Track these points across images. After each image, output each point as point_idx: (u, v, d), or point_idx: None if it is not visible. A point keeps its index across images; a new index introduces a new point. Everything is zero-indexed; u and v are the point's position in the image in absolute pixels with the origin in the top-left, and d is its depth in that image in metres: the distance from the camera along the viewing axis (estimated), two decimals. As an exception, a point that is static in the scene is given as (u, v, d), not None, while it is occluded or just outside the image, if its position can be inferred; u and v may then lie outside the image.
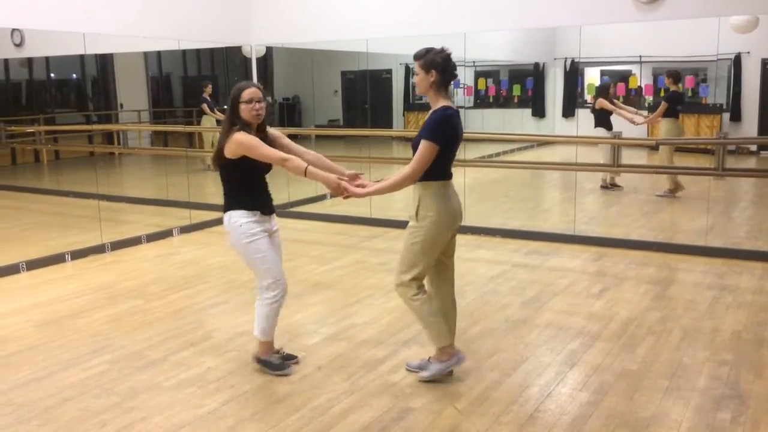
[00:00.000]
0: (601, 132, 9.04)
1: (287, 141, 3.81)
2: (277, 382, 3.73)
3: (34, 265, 6.13)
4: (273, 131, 3.82)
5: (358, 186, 3.60)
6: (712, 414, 3.32)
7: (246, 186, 3.69)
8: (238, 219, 3.67)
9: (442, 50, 3.51)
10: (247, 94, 3.58)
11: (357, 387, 3.65)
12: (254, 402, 3.51)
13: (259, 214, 3.70)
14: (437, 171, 3.51)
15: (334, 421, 3.29)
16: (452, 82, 3.59)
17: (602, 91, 9.41)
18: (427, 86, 3.52)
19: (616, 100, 9.58)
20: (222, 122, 3.75)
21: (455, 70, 3.56)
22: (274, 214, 3.86)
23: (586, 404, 3.43)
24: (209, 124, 11.51)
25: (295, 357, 4.04)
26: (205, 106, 11.52)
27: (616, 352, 4.06)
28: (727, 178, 8.19)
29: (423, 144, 3.43)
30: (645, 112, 9.98)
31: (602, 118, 9.11)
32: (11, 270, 5.98)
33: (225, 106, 3.76)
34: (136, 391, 3.64)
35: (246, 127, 3.60)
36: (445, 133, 3.47)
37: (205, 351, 4.18)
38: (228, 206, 3.71)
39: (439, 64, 3.47)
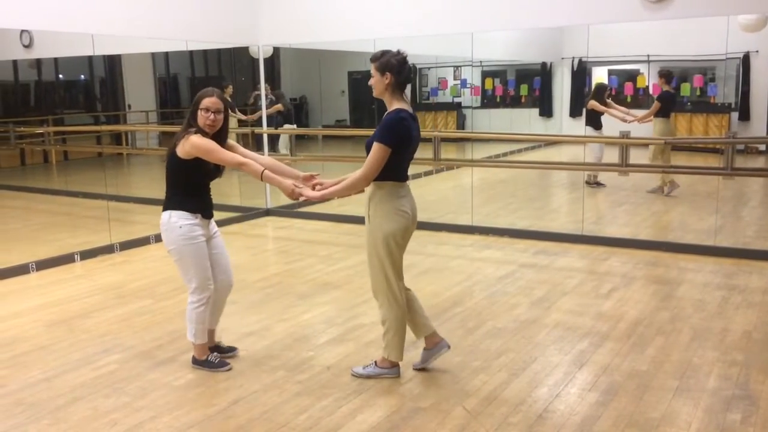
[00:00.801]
0: (589, 131, 9.20)
1: (243, 150, 3.87)
2: (286, 382, 3.74)
3: (43, 265, 6.17)
4: (230, 141, 3.86)
5: (316, 185, 3.67)
6: (722, 415, 3.31)
7: (191, 188, 3.73)
8: (178, 220, 3.70)
9: (398, 53, 3.54)
10: (205, 102, 3.62)
11: (365, 387, 3.66)
12: (263, 401, 3.52)
13: (200, 217, 3.74)
14: (390, 173, 3.52)
15: (343, 421, 3.29)
16: (458, 83, 3.62)
17: (597, 93, 9.52)
18: (383, 88, 3.54)
19: (609, 100, 9.63)
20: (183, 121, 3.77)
21: (410, 73, 3.60)
22: (213, 219, 3.92)
23: (596, 405, 3.42)
24: (232, 123, 11.54)
25: (235, 349, 4.07)
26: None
27: (626, 353, 4.05)
28: (736, 178, 8.15)
29: (375, 146, 3.46)
30: (636, 111, 9.98)
31: (591, 118, 9.32)
32: (21, 270, 6.01)
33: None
34: (145, 390, 3.65)
35: (200, 131, 3.65)
36: (398, 136, 3.47)
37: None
38: (168, 205, 3.73)
39: (394, 66, 3.49)
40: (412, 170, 3.93)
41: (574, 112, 14.88)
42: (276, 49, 9.10)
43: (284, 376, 3.81)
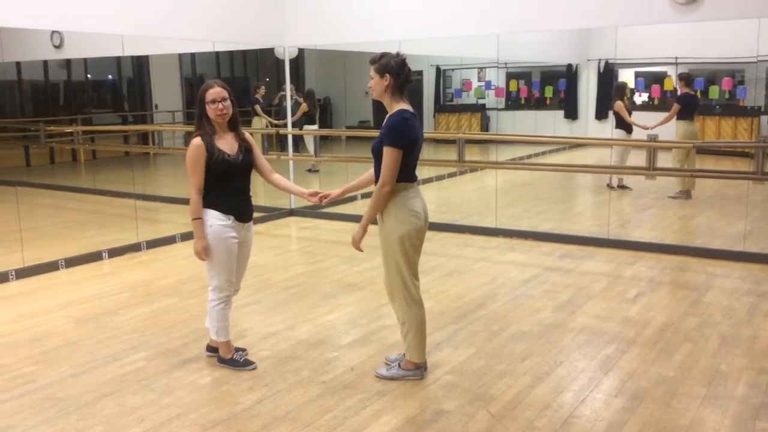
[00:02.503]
0: (621, 134, 9.04)
1: (259, 153, 3.91)
2: (310, 382, 3.75)
3: (72, 262, 6.27)
4: (250, 137, 3.89)
5: (322, 198, 3.90)
6: (750, 423, 3.26)
7: (221, 189, 3.73)
8: (210, 219, 3.73)
9: (397, 54, 3.56)
10: (210, 94, 3.66)
11: (389, 389, 3.66)
12: (288, 401, 3.54)
13: (233, 220, 3.75)
14: (399, 175, 3.53)
15: (367, 422, 3.30)
16: (482, 85, 3.63)
17: (618, 92, 9.37)
18: (382, 90, 3.55)
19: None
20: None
21: (410, 74, 3.59)
22: (251, 223, 3.92)
23: (622, 410, 3.39)
24: (260, 125, 11.66)
25: (244, 349, 4.08)
26: (258, 108, 11.67)
27: (653, 359, 4.01)
28: (767, 183, 8.02)
29: (387, 151, 3.46)
30: (656, 116, 9.86)
31: (623, 120, 9.11)
32: (51, 267, 6.12)
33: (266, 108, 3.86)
34: (172, 387, 3.70)
35: (203, 128, 3.69)
36: (406, 137, 3.49)
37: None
38: (205, 203, 3.74)
39: (393, 68, 3.51)
40: (436, 172, 3.96)
41: (600, 115, 14.74)
42: (301, 50, 9.15)
43: (308, 376, 3.83)
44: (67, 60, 12.35)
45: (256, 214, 3.93)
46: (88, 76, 13.74)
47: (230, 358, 3.94)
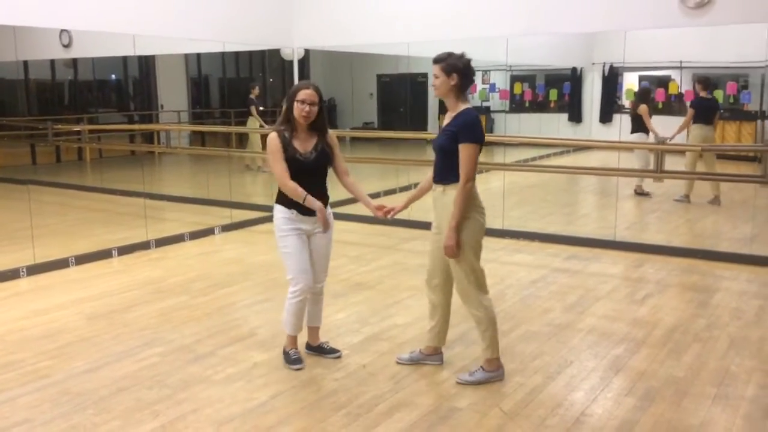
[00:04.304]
0: (641, 137, 8.96)
1: (339, 155, 3.94)
2: (323, 379, 3.79)
3: (83, 259, 6.30)
4: (334, 138, 3.92)
5: (387, 212, 3.92)
6: (762, 422, 3.29)
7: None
8: (276, 213, 3.85)
9: (463, 55, 3.61)
10: (301, 94, 3.72)
11: (402, 386, 3.69)
12: (302, 397, 3.58)
13: (296, 213, 3.79)
14: None
15: (381, 419, 3.33)
16: (486, 87, 3.69)
17: (643, 95, 9.30)
18: (448, 89, 3.59)
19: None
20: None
21: (474, 75, 3.65)
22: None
23: (633, 410, 3.42)
24: (255, 124, 11.67)
25: (338, 351, 4.10)
26: (253, 108, 11.68)
27: (662, 359, 4.04)
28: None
29: (465, 148, 3.50)
30: (668, 120, 9.85)
31: (641, 124, 9.03)
32: (62, 264, 6.15)
33: (261, 108, 3.95)
34: (187, 383, 3.73)
35: (287, 124, 3.76)
36: (480, 133, 3.57)
37: (252, 347, 4.26)
38: (276, 197, 3.86)
39: (460, 69, 3.56)
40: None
41: (604, 118, 14.79)
42: (307, 51, 9.18)
43: (321, 373, 3.86)
44: (74, 59, 12.41)
45: (265, 213, 3.96)
46: (95, 75, 13.80)
47: (286, 351, 3.99)
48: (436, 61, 3.60)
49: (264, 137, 3.98)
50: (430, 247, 3.86)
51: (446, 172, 3.61)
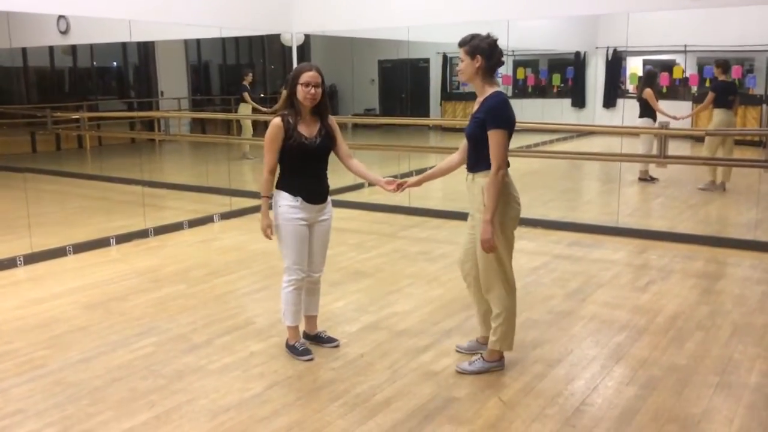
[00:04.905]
0: (648, 122, 8.84)
1: (341, 139, 3.86)
2: (320, 368, 3.74)
3: (80, 248, 6.26)
4: (334, 122, 3.84)
5: (398, 186, 3.75)
6: (764, 411, 3.24)
7: (294, 170, 3.72)
8: (279, 200, 3.75)
9: (488, 36, 3.46)
10: (305, 77, 3.63)
11: (399, 375, 3.64)
12: (298, 387, 3.53)
13: (301, 201, 3.72)
14: None
15: (378, 408, 3.28)
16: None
17: (648, 79, 9.16)
18: (472, 72, 3.47)
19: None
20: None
21: (501, 56, 3.50)
22: (325, 204, 3.85)
23: (634, 398, 3.36)
24: (246, 111, 11.58)
25: (336, 340, 4.05)
26: (246, 95, 11.56)
27: (664, 347, 3.98)
28: (777, 171, 7.94)
29: (494, 134, 3.37)
30: (679, 104, 9.70)
31: (648, 108, 8.90)
32: (59, 252, 6.11)
33: (261, 95, 3.87)
34: (182, 373, 3.69)
35: (291, 108, 3.68)
36: (509, 117, 3.44)
37: (248, 336, 4.21)
38: (277, 184, 3.78)
39: (484, 50, 3.42)
40: (442, 159, 3.91)
41: (608, 103, 14.67)
42: (307, 37, 9.09)
43: (318, 362, 3.82)
44: (72, 46, 12.32)
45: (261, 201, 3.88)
46: (94, 62, 13.72)
47: (291, 345, 3.92)
48: (461, 44, 3.47)
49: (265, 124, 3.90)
50: (463, 237, 3.76)
51: (477, 160, 3.49)
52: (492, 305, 3.64)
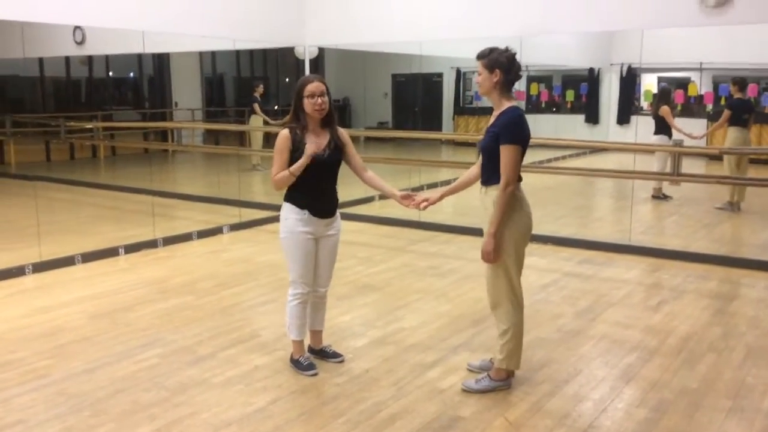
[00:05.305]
0: (663, 139, 8.76)
1: (353, 151, 3.82)
2: (324, 384, 3.69)
3: (89, 257, 6.27)
4: (345, 134, 3.80)
5: (421, 203, 3.71)
6: (779, 438, 3.15)
7: (302, 184, 3.67)
8: (287, 213, 3.72)
9: (507, 49, 3.44)
10: (309, 88, 3.59)
11: (405, 392, 3.59)
12: (301, 403, 3.49)
13: (308, 214, 3.68)
14: None
15: (382, 426, 3.23)
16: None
17: (663, 96, 9.09)
18: (491, 86, 3.44)
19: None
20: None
21: (519, 70, 3.47)
22: (334, 218, 3.81)
23: (644, 421, 3.29)
24: (258, 123, 11.61)
25: (341, 356, 4.01)
26: (256, 106, 11.60)
27: (675, 369, 3.90)
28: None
29: (506, 149, 3.35)
30: (694, 122, 9.58)
31: (664, 125, 8.82)
32: (68, 262, 6.12)
33: (275, 107, 3.82)
34: (185, 386, 3.65)
35: (297, 122, 3.64)
36: (523, 133, 3.42)
37: (253, 349, 4.17)
38: (285, 197, 3.75)
39: (503, 64, 3.40)
40: (454, 174, 3.88)
41: (622, 119, 14.58)
42: (321, 50, 9.11)
43: (323, 377, 3.77)
44: (89, 57, 12.44)
45: (272, 214, 3.88)
46: (110, 73, 13.84)
47: (296, 359, 3.87)
48: (479, 57, 3.45)
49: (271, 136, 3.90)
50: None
51: (490, 174, 3.46)
52: (498, 321, 3.59)
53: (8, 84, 12.23)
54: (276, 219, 3.73)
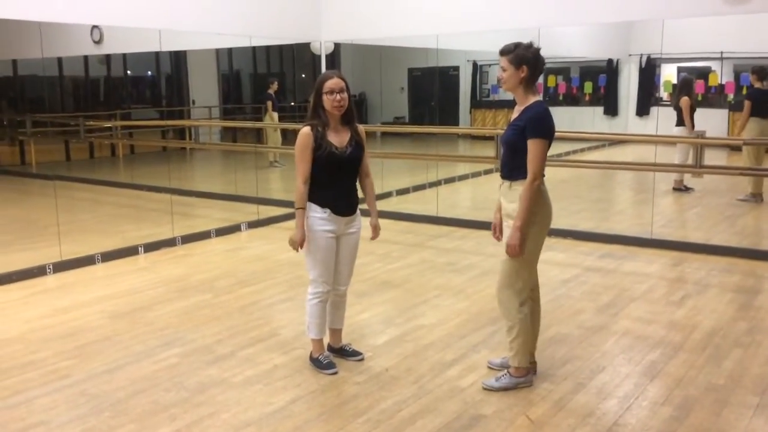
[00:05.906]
0: (684, 131, 8.62)
1: (366, 152, 3.80)
2: (344, 383, 3.67)
3: (108, 256, 6.30)
4: (363, 133, 3.78)
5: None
6: (809, 437, 3.08)
7: (323, 181, 3.65)
8: (310, 212, 3.69)
9: (531, 45, 3.41)
10: (328, 85, 3.57)
11: (425, 391, 3.56)
12: (321, 402, 3.47)
13: (329, 213, 3.66)
14: None
15: (402, 426, 3.20)
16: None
17: (685, 87, 8.93)
18: (517, 82, 3.41)
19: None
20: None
21: (544, 65, 3.45)
22: (354, 216, 3.80)
23: (670, 419, 3.23)
24: (272, 121, 11.61)
25: (360, 354, 3.99)
26: (269, 104, 11.60)
27: (701, 365, 3.83)
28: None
29: (533, 143, 3.33)
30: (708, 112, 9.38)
31: (683, 117, 8.69)
32: (88, 261, 6.16)
33: (292, 103, 3.79)
34: (204, 386, 3.65)
35: (318, 119, 3.62)
36: (550, 127, 3.40)
37: (272, 348, 4.16)
38: (309, 196, 3.71)
39: (529, 60, 3.38)
40: (472, 169, 3.83)
41: (641, 111, 14.38)
42: (337, 46, 9.08)
43: (342, 376, 3.75)
44: (107, 56, 12.51)
45: (290, 210, 3.86)
46: (128, 71, 13.91)
47: (315, 358, 3.86)
48: (503, 52, 3.42)
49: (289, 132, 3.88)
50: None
51: (513, 168, 3.44)
52: (502, 315, 3.59)
53: (28, 84, 12.33)
54: (294, 216, 3.71)
